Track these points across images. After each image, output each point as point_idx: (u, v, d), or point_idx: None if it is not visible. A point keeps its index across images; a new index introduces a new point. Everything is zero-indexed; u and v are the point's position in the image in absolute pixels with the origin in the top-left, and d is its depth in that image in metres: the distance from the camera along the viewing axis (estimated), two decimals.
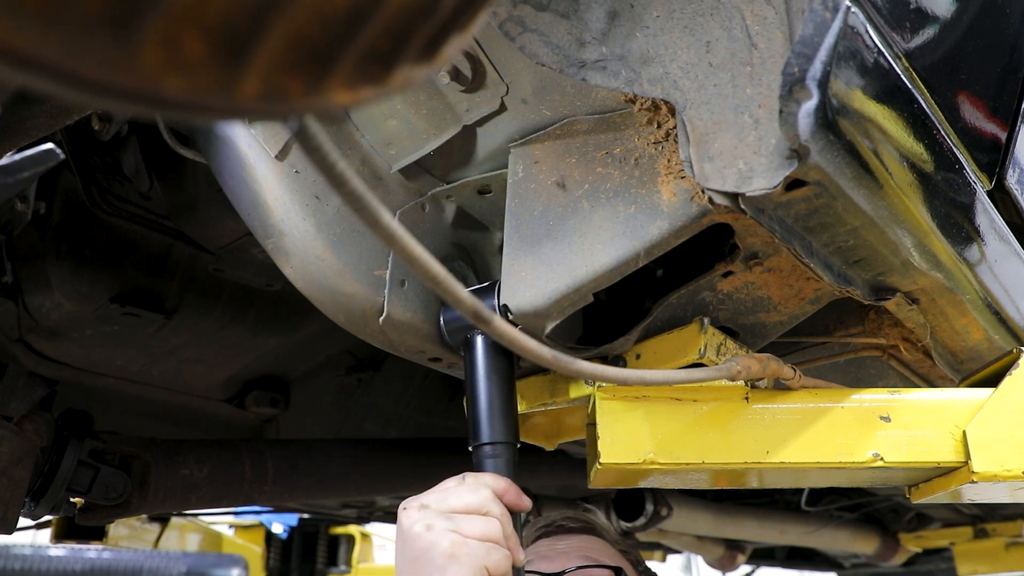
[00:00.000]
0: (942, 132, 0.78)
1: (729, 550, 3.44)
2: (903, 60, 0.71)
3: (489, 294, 0.94)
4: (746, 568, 4.18)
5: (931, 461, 0.89)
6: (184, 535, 3.59)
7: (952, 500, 0.98)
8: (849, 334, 1.09)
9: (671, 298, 0.91)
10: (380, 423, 1.99)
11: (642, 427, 0.90)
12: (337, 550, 4.50)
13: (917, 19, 0.74)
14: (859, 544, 3.30)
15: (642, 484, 0.97)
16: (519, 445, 0.94)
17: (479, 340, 0.95)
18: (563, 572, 1.20)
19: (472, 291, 0.98)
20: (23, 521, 1.42)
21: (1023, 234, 1.01)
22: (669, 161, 0.79)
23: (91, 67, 0.23)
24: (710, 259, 0.89)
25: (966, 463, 0.88)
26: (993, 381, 0.93)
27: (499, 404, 0.93)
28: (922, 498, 0.99)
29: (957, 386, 1.05)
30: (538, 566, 1.24)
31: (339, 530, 4.51)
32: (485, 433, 0.91)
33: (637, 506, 2.50)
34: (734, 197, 0.69)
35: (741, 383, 0.92)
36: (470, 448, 0.93)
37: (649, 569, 1.37)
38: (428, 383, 1.97)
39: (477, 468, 0.90)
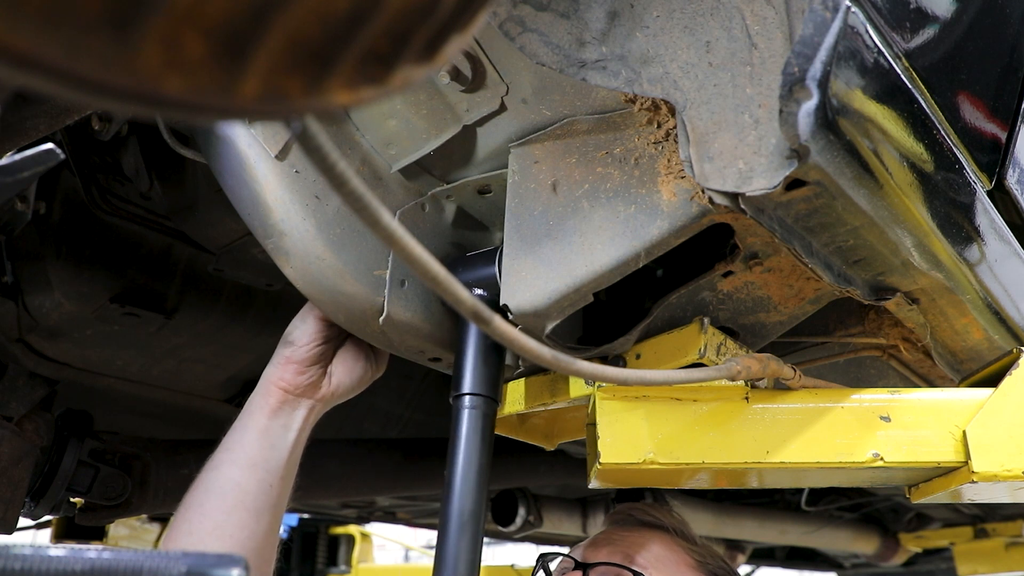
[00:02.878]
0: (942, 132, 0.78)
1: (729, 550, 3.44)
2: (903, 60, 0.71)
3: (490, 260, 0.95)
4: (746, 568, 4.18)
5: (931, 461, 0.89)
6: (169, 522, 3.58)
7: (952, 500, 0.98)
8: (849, 334, 1.09)
9: (671, 298, 0.91)
10: (380, 423, 1.99)
11: (642, 427, 0.90)
12: (337, 550, 4.50)
13: (917, 19, 0.74)
14: (859, 544, 3.30)
15: (643, 484, 0.97)
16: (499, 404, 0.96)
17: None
18: (585, 564, 1.16)
19: (472, 256, 0.99)
20: (23, 521, 1.42)
21: (1023, 234, 1.01)
22: (669, 161, 0.79)
23: (91, 67, 0.23)
24: (710, 259, 0.89)
25: (966, 463, 0.88)
26: (993, 381, 0.93)
27: (485, 358, 0.94)
28: (922, 498, 0.99)
29: (957, 386, 1.05)
30: (580, 551, 1.21)
31: (339, 530, 4.51)
32: (467, 384, 0.93)
33: None
34: (734, 197, 0.69)
35: (741, 383, 0.92)
36: (450, 400, 0.94)
37: None
38: (428, 383, 1.97)
39: (455, 419, 0.91)
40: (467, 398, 0.92)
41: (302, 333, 1.03)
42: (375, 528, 4.89)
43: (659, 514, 1.28)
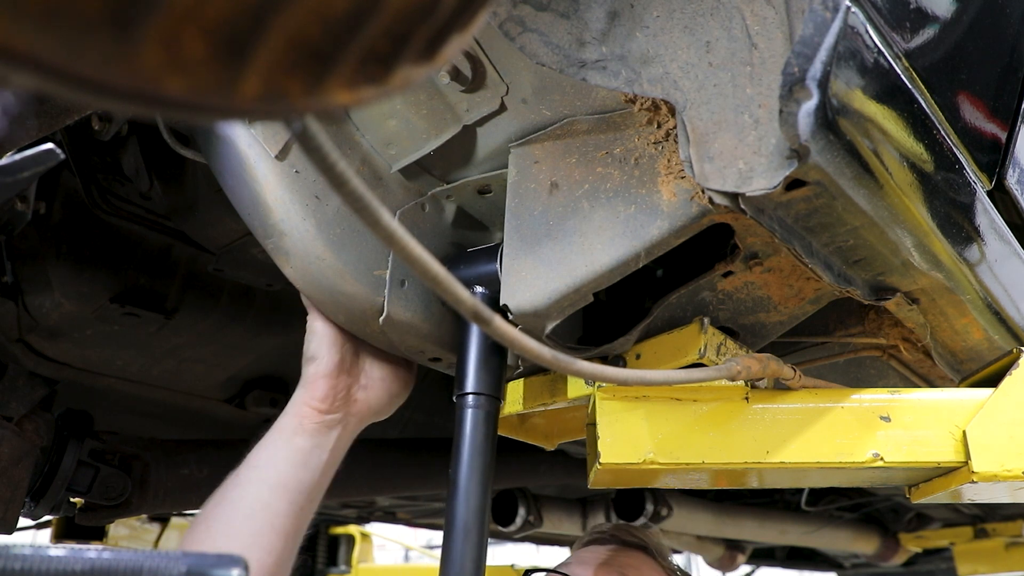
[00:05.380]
0: (942, 132, 0.78)
1: (729, 550, 3.44)
2: (903, 60, 0.71)
3: (491, 257, 0.95)
4: (746, 568, 4.18)
5: (931, 461, 0.89)
6: (184, 535, 3.57)
7: (952, 500, 0.98)
8: (849, 334, 1.09)
9: (671, 298, 0.91)
10: (380, 423, 1.99)
11: (642, 427, 0.90)
12: (337, 550, 4.50)
13: (917, 19, 0.74)
14: (859, 544, 3.30)
15: (642, 484, 0.97)
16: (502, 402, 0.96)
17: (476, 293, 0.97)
18: None
19: (474, 252, 0.99)
20: (23, 521, 1.42)
21: (1023, 234, 1.01)
22: (669, 161, 0.79)
23: (91, 67, 0.23)
24: (710, 259, 0.89)
25: (966, 463, 0.88)
26: (993, 381, 0.93)
27: (488, 357, 0.94)
28: (922, 498, 0.99)
29: (957, 386, 1.05)
30: (572, 569, 1.22)
31: (339, 530, 4.51)
32: (471, 383, 0.93)
33: (637, 506, 2.50)
34: (734, 197, 0.69)
35: (741, 383, 0.92)
36: (454, 399, 0.94)
37: None
38: (428, 383, 1.97)
39: (459, 418, 0.92)
40: (470, 397, 0.92)
41: (319, 343, 0.99)
42: (375, 528, 4.88)
43: (640, 534, 1.33)
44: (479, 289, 0.96)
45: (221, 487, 0.94)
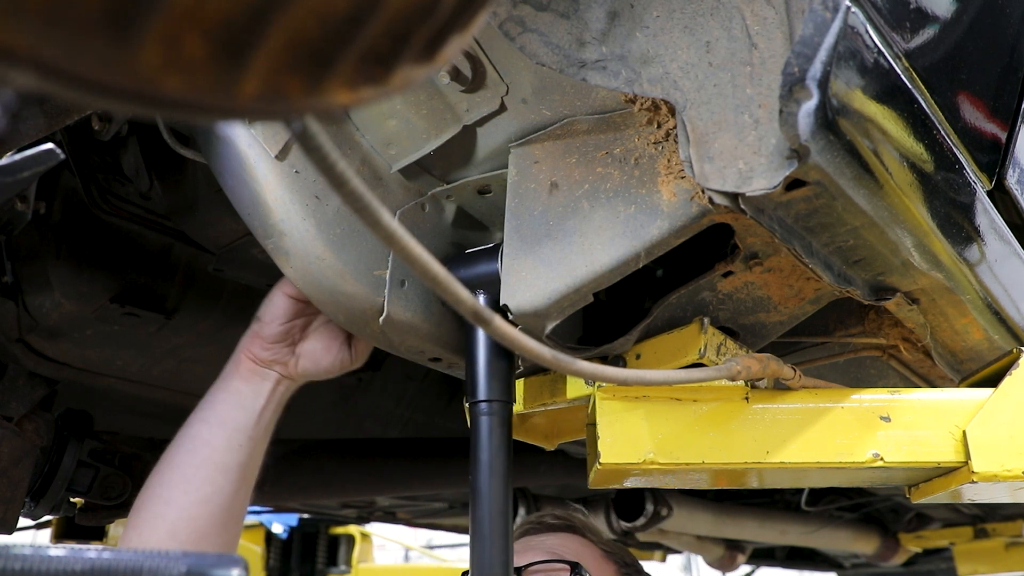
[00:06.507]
0: (942, 132, 0.78)
1: (729, 550, 3.44)
2: (903, 60, 0.71)
3: (491, 257, 0.95)
4: (746, 568, 4.18)
5: (931, 461, 0.89)
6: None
7: (952, 500, 0.98)
8: (849, 334, 1.09)
9: (671, 298, 0.91)
10: (380, 423, 1.99)
11: (642, 427, 0.90)
12: (337, 550, 4.51)
13: (917, 19, 0.74)
14: (859, 544, 3.30)
15: (641, 484, 0.97)
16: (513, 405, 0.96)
17: (481, 300, 0.96)
18: (517, 568, 1.19)
19: (474, 252, 0.99)
20: (23, 521, 1.42)
21: (1023, 234, 1.01)
22: (669, 161, 0.79)
23: (91, 67, 0.23)
24: (710, 259, 0.89)
25: (966, 463, 0.88)
26: (993, 381, 0.93)
27: (497, 361, 0.94)
28: (922, 498, 0.99)
29: (957, 386, 1.05)
30: None
31: (339, 530, 4.51)
32: (482, 390, 0.93)
33: (637, 506, 2.50)
34: (734, 197, 0.69)
35: (741, 383, 0.92)
36: (466, 406, 0.94)
37: (643, 571, 1.35)
38: (428, 383, 1.97)
39: (473, 426, 0.92)
40: (483, 405, 0.92)
41: (267, 311, 1.08)
42: (375, 528, 4.89)
43: (566, 516, 1.37)
44: (479, 290, 0.96)
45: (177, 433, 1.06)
